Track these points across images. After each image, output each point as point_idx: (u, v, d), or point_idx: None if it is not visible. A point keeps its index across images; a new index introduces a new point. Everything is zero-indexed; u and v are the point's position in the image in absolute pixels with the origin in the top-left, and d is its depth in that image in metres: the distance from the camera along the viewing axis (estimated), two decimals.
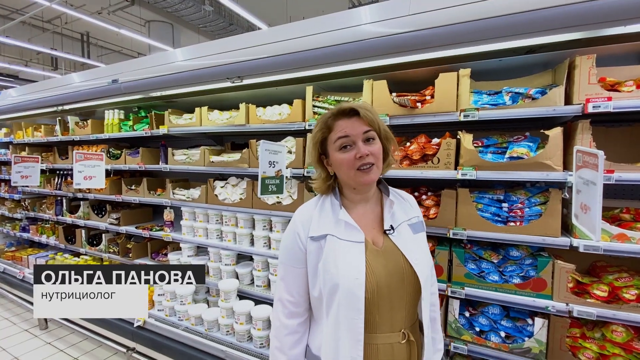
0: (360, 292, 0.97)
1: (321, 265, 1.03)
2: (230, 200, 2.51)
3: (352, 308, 0.97)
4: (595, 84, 1.44)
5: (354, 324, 0.97)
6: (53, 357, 2.96)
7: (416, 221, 1.18)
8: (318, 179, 1.17)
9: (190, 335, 2.44)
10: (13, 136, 4.28)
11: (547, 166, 1.51)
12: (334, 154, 1.07)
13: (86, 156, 2.99)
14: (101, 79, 2.76)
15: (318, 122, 1.11)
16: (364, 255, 1.02)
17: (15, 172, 3.50)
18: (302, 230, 1.09)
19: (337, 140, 1.04)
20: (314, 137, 1.12)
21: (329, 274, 1.01)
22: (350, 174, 1.04)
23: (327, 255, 1.03)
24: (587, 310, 1.47)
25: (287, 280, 1.12)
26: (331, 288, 1.00)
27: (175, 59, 2.31)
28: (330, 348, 1.02)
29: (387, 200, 1.15)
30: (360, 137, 1.03)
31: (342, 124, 1.05)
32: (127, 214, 3.31)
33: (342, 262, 1.00)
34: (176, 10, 9.54)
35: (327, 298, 1.02)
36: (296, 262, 1.10)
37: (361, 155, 1.01)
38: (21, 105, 3.58)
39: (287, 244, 1.13)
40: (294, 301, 1.11)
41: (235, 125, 2.37)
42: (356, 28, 1.72)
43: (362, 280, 0.98)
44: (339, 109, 1.07)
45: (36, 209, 4.16)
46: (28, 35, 11.04)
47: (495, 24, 1.40)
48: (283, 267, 1.14)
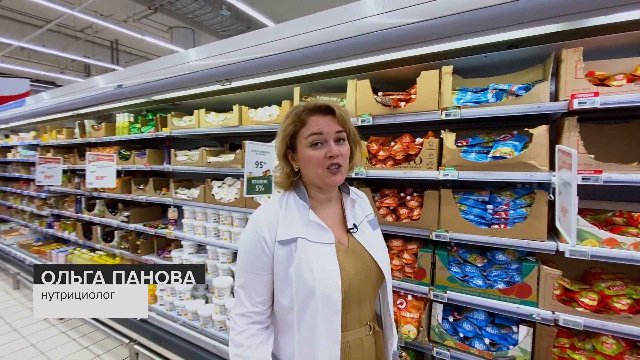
0: (337, 295, 0.95)
1: (293, 271, 0.97)
2: (226, 199, 2.57)
3: (330, 311, 0.95)
4: (582, 78, 1.35)
5: (331, 327, 0.96)
6: (67, 346, 3.16)
7: (372, 218, 1.19)
8: (281, 173, 1.12)
9: (186, 330, 2.52)
10: (40, 139, 4.60)
11: (530, 166, 1.44)
12: (304, 149, 1.01)
13: (98, 157, 3.17)
14: (110, 84, 2.91)
15: (290, 114, 1.05)
16: (335, 256, 1.00)
17: (39, 172, 3.76)
18: (268, 234, 1.00)
19: (309, 136, 0.99)
20: (285, 129, 1.04)
21: (303, 280, 0.95)
22: (318, 171, 1.01)
23: (300, 259, 0.97)
24: (574, 320, 1.39)
25: (249, 289, 1.02)
26: (306, 294, 0.95)
27: (171, 63, 2.40)
28: (306, 353, 0.97)
29: (348, 199, 1.15)
30: (333, 137, 1.00)
31: (316, 120, 1.00)
32: (137, 212, 3.47)
33: (317, 266, 0.96)
34: (196, 16, 9.89)
35: (300, 304, 0.96)
36: (260, 268, 1.01)
37: (332, 155, 0.99)
38: (44, 109, 3.85)
39: (248, 248, 1.02)
40: (257, 311, 1.02)
41: (230, 126, 2.42)
42: (335, 27, 1.72)
43: (338, 283, 0.96)
44: (315, 105, 1.02)
45: (60, 207, 4.44)
46: (63, 44, 11.83)
47: (467, 18, 1.35)
48: (244, 274, 1.03)
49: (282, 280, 1.00)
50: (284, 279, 1.00)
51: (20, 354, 3.04)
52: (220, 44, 2.15)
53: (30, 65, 13.15)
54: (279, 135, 1.08)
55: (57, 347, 3.13)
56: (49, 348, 3.12)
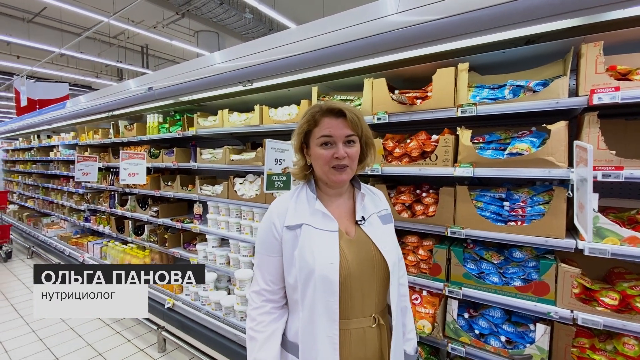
0: (335, 276, 1.02)
1: (297, 253, 1.07)
2: (247, 195, 2.68)
3: (327, 291, 1.02)
4: (603, 73, 1.32)
5: (329, 306, 1.03)
6: (100, 330, 3.41)
7: (385, 213, 1.23)
8: (297, 165, 1.23)
9: (210, 319, 2.66)
10: (78, 139, 4.95)
11: (548, 162, 1.42)
12: (314, 148, 1.11)
13: (130, 155, 3.39)
14: (141, 87, 3.11)
15: (306, 113, 1.14)
16: (337, 242, 1.07)
17: (77, 170, 4.06)
18: (278, 220, 1.12)
19: (320, 137, 1.09)
20: (300, 127, 1.15)
21: (304, 261, 1.05)
22: (324, 169, 1.10)
23: (303, 243, 1.07)
24: (593, 319, 1.36)
25: (262, 268, 1.15)
26: (307, 274, 1.05)
27: (197, 66, 2.54)
28: (307, 331, 1.06)
29: (359, 194, 1.21)
30: (342, 139, 1.08)
31: (328, 122, 1.08)
32: (165, 207, 3.67)
33: (317, 249, 1.05)
34: (220, 20, 10.20)
35: (302, 284, 1.06)
36: (272, 251, 1.13)
37: (338, 156, 1.06)
38: (82, 111, 4.14)
39: (263, 233, 1.16)
40: (270, 290, 1.14)
41: (251, 125, 2.53)
42: (353, 27, 1.76)
43: (336, 265, 1.03)
44: (328, 107, 1.10)
45: (95, 202, 4.76)
46: (98, 50, 12.56)
47: (484, 14, 1.35)
48: (259, 256, 1.17)
49: (288, 262, 1.11)
50: (290, 260, 1.10)
51: (60, 336, 3.32)
52: (242, 46, 2.25)
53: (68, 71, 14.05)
54: (295, 131, 1.18)
55: (92, 332, 3.38)
56: (85, 332, 3.38)
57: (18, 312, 3.89)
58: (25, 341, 3.25)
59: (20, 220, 7.03)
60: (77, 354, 3.01)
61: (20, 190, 7.73)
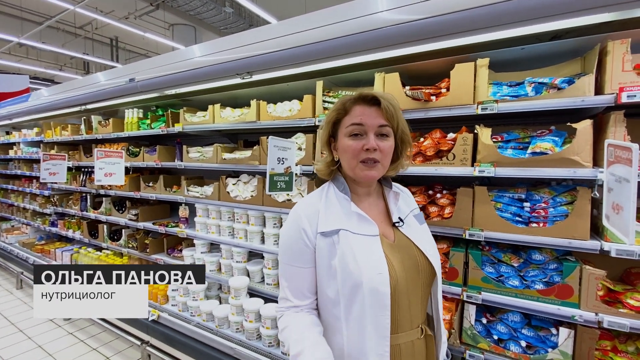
0: (386, 287, 0.90)
1: (337, 263, 0.94)
2: (241, 197, 2.50)
3: (378, 305, 0.90)
4: (630, 71, 1.30)
5: (379, 321, 0.91)
6: (74, 347, 3.08)
7: (417, 212, 1.14)
8: (323, 161, 1.11)
9: (201, 331, 2.46)
10: (43, 135, 4.51)
11: (574, 162, 1.38)
12: (343, 138, 0.99)
13: (107, 154, 3.09)
14: (120, 78, 2.83)
15: (336, 103, 1.04)
16: (381, 248, 0.96)
17: (43, 170, 3.67)
18: (309, 226, 0.98)
19: (350, 125, 0.97)
20: (328, 116, 1.04)
21: (348, 272, 0.92)
22: (352, 163, 0.98)
23: (344, 251, 0.94)
24: (620, 322, 1.34)
25: (291, 282, 1.01)
26: (352, 287, 0.92)
27: (187, 56, 2.33)
28: (354, 351, 0.94)
29: (391, 193, 1.11)
30: (374, 130, 0.95)
31: (359, 110, 0.97)
32: (146, 210, 3.39)
33: (362, 257, 0.93)
34: (198, 13, 9.80)
35: (347, 298, 0.93)
36: (303, 261, 0.99)
37: (368, 148, 0.94)
38: (48, 105, 3.76)
39: (290, 241, 1.01)
40: (302, 305, 1.01)
41: (247, 122, 2.36)
42: (368, 17, 1.64)
43: (385, 275, 0.91)
44: (360, 94, 0.98)
45: (64, 205, 4.35)
46: (62, 40, 11.67)
47: (516, 5, 1.29)
48: (285, 267, 1.03)
49: (325, 273, 0.98)
50: (327, 271, 0.97)
51: (27, 355, 2.96)
52: (241, 35, 2.08)
53: (28, 62, 13.00)
54: (323, 121, 1.06)
55: (65, 349, 3.05)
56: (56, 350, 3.04)
57: None
58: None
59: None
60: None
61: None
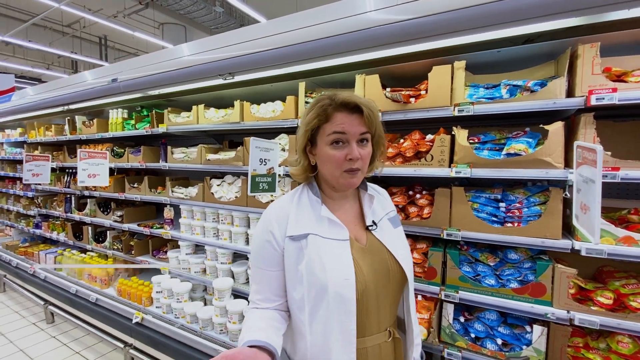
0: (351, 293, 0.90)
1: (303, 268, 0.94)
2: (226, 198, 2.49)
3: (343, 311, 0.90)
4: (599, 74, 1.33)
5: (345, 327, 0.90)
6: (57, 351, 3.03)
7: (393, 215, 1.14)
8: (298, 166, 1.08)
9: (185, 333, 2.44)
10: (27, 136, 4.43)
11: (546, 163, 1.41)
12: (324, 147, 0.97)
13: (90, 154, 3.04)
14: (103, 78, 2.80)
15: (314, 106, 0.99)
16: (350, 253, 0.95)
17: (26, 170, 3.60)
18: (278, 229, 0.99)
19: (332, 133, 0.95)
20: (309, 123, 0.99)
21: (314, 277, 0.92)
22: (335, 173, 0.97)
23: (311, 256, 0.94)
24: (590, 319, 1.37)
25: (260, 284, 1.03)
26: (318, 292, 0.92)
27: (170, 56, 2.31)
28: (319, 356, 0.93)
29: (366, 195, 1.11)
30: (356, 138, 0.95)
31: (341, 118, 0.94)
32: (130, 211, 3.36)
33: (329, 262, 0.92)
34: (188, 13, 9.72)
35: (312, 303, 0.93)
36: (270, 264, 1.00)
37: (352, 158, 0.94)
38: (31, 105, 3.69)
39: (258, 244, 1.02)
40: (272, 307, 1.01)
41: (231, 122, 2.35)
42: (351, 18, 1.65)
43: (352, 281, 0.91)
44: (343, 101, 0.95)
45: (48, 206, 4.28)
46: (49, 39, 11.48)
47: (490, 9, 1.31)
48: (256, 270, 1.03)
49: (292, 277, 0.98)
50: (294, 275, 0.97)
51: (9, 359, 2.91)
52: (223, 36, 2.07)
53: (14, 61, 12.74)
54: (300, 127, 1.03)
55: (47, 352, 3.00)
56: (38, 354, 2.99)
57: None
58: None
59: None
60: None
61: None
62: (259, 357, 0.78)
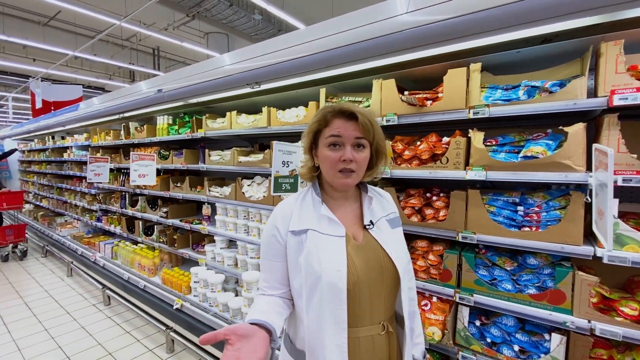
0: (342, 283, 0.99)
1: (302, 260, 1.05)
2: (255, 197, 2.67)
3: (335, 299, 0.99)
4: (623, 73, 1.27)
5: (337, 315, 1.00)
6: (111, 330, 3.45)
7: (393, 217, 1.20)
8: (305, 166, 1.20)
9: (217, 320, 2.66)
10: (91, 140, 5.03)
11: (565, 166, 1.37)
12: (322, 148, 1.08)
13: (140, 157, 3.42)
14: (150, 89, 3.13)
15: (318, 112, 1.11)
16: (344, 248, 1.04)
17: (89, 171, 4.13)
18: (282, 224, 1.11)
19: (329, 136, 1.05)
20: (310, 126, 1.12)
21: (310, 268, 1.02)
22: (330, 172, 1.08)
23: (309, 249, 1.04)
24: (612, 330, 1.30)
25: (267, 273, 1.14)
26: (313, 281, 1.02)
27: (206, 68, 2.54)
28: (314, 340, 1.03)
29: (366, 197, 1.18)
30: (351, 141, 1.04)
31: (338, 123, 1.06)
32: (174, 208, 3.69)
33: (324, 255, 1.02)
34: (230, 21, 10.28)
35: (308, 291, 1.03)
36: (275, 255, 1.11)
37: (345, 159, 1.03)
38: (93, 114, 4.21)
39: (266, 237, 1.15)
40: (275, 293, 1.13)
41: (259, 127, 2.52)
42: (363, 27, 1.72)
43: (343, 273, 1.00)
44: (340, 108, 1.06)
45: (107, 202, 4.83)
46: (111, 52, 12.79)
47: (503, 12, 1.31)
48: (263, 261, 1.16)
49: (293, 267, 1.09)
50: (294, 266, 1.08)
51: (73, 334, 3.37)
52: (251, 48, 2.24)
53: (82, 73, 14.34)
54: (305, 130, 1.16)
55: (103, 330, 3.43)
56: (96, 331, 3.42)
57: (31, 310, 3.97)
58: (38, 339, 3.31)
59: (35, 219, 7.20)
60: (87, 353, 3.05)
61: (36, 190, 7.92)
62: (256, 332, 0.90)
